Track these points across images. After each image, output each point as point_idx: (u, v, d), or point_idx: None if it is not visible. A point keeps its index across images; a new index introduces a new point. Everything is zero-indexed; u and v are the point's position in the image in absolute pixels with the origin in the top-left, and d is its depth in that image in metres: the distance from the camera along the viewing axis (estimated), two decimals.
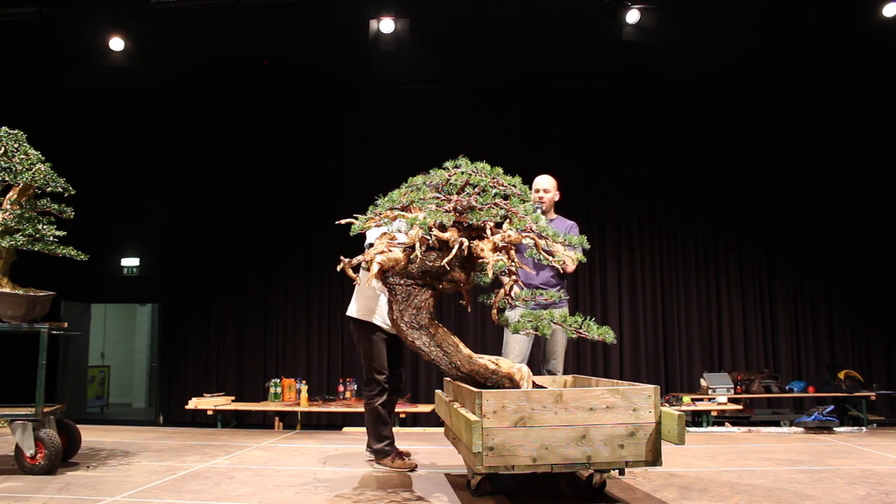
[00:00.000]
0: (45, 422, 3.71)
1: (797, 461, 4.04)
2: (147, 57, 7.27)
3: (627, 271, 8.49)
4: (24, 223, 3.80)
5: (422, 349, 3.14)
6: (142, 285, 9.44)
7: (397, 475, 3.73)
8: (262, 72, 8.58)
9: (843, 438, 5.08)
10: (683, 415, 2.68)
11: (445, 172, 3.11)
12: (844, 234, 8.43)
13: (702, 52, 7.97)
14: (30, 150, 3.94)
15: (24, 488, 3.35)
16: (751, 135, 8.54)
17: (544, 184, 4.68)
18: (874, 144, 8.48)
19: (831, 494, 3.14)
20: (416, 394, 8.14)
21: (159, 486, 3.42)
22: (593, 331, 3.11)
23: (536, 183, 4.68)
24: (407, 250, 3.03)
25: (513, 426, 2.68)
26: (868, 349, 8.20)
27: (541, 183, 4.69)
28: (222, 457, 4.34)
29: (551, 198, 4.67)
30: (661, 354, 8.28)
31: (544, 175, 4.75)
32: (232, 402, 7.31)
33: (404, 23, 6.69)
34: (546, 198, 4.63)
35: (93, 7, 6.78)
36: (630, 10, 6.54)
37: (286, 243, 8.83)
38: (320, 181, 8.86)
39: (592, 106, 8.75)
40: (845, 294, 8.30)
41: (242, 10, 6.97)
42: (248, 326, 8.75)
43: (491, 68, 8.54)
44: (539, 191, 4.62)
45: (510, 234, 3.05)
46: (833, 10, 6.92)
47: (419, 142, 8.59)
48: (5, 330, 3.78)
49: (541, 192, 4.62)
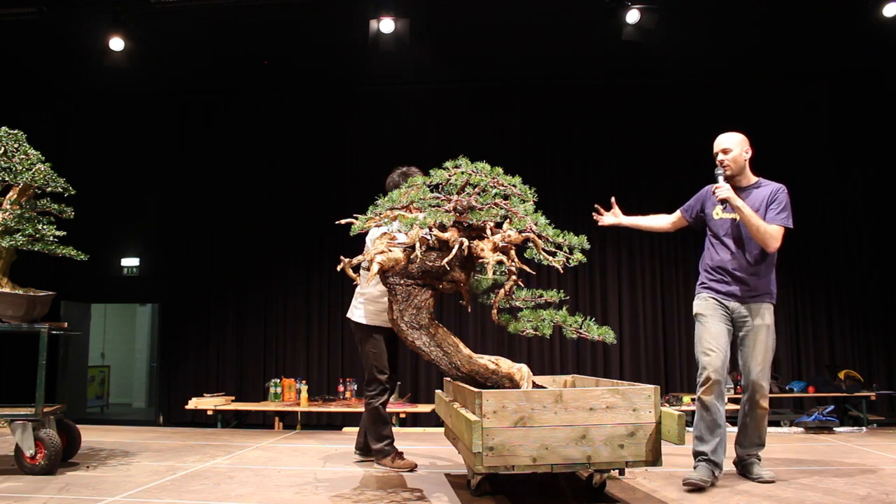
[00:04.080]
0: (45, 422, 3.71)
1: (797, 461, 4.04)
2: (147, 57, 7.26)
3: (627, 271, 8.50)
4: (24, 223, 3.80)
5: (422, 349, 3.14)
6: (142, 285, 9.43)
7: (397, 475, 3.73)
8: (262, 72, 8.57)
9: (843, 438, 5.08)
10: (683, 415, 2.68)
11: (445, 172, 3.11)
12: (844, 234, 8.43)
13: (702, 52, 7.97)
14: (30, 150, 3.94)
15: (24, 488, 3.35)
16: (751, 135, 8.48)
17: (722, 143, 3.62)
18: (874, 144, 8.47)
19: (831, 494, 3.14)
20: (416, 394, 8.14)
21: (159, 486, 3.42)
22: (593, 331, 3.11)
23: (716, 143, 3.66)
24: (407, 250, 3.03)
25: (513, 426, 2.68)
26: (868, 349, 8.20)
27: (718, 144, 3.64)
28: (222, 457, 4.34)
29: (736, 157, 3.56)
30: (661, 354, 8.29)
31: (725, 133, 3.68)
32: (232, 402, 7.31)
33: (404, 23, 6.69)
34: (728, 159, 3.56)
35: (93, 7, 6.78)
36: (630, 10, 6.54)
37: (286, 243, 8.83)
38: (320, 181, 8.86)
39: (592, 106, 8.75)
40: (845, 294, 8.30)
41: (242, 10, 6.96)
42: (248, 326, 8.75)
43: (491, 68, 8.54)
44: (717, 153, 3.61)
45: (510, 234, 3.05)
46: (833, 10, 6.92)
47: (419, 142, 8.59)
48: (5, 330, 3.78)
49: (719, 154, 3.60)
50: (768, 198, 3.54)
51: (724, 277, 3.53)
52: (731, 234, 3.56)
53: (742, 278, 3.50)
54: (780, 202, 3.52)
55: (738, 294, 3.49)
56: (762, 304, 3.52)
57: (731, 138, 3.63)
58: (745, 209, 3.43)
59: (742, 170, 3.61)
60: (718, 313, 3.50)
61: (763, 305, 3.52)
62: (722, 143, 3.64)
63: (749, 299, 3.50)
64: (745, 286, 3.49)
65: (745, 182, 3.62)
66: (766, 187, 3.61)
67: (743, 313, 3.50)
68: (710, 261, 3.62)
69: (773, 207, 3.51)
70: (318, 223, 8.48)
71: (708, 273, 3.61)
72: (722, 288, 3.53)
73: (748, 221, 3.43)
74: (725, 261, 3.53)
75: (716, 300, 3.52)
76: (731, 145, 3.59)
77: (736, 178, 3.59)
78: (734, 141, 3.61)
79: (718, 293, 3.53)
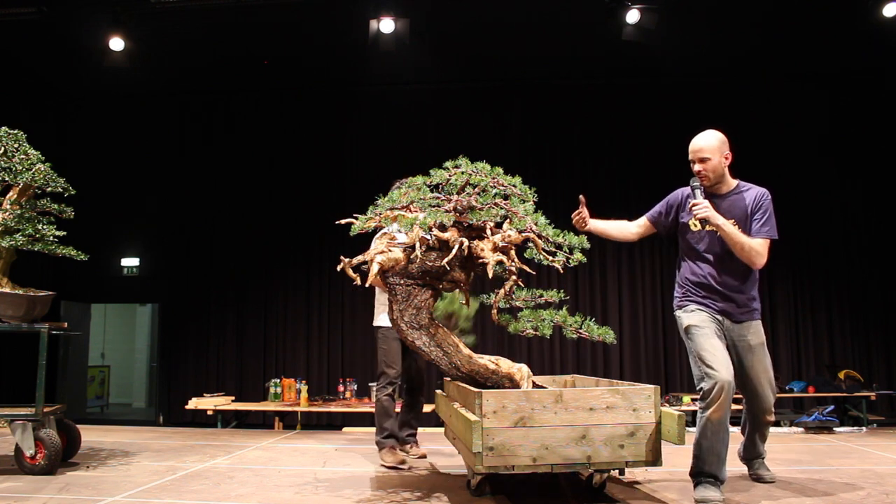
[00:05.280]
0: (45, 422, 3.71)
1: (797, 461, 4.04)
2: (147, 57, 7.27)
3: (627, 271, 8.50)
4: (24, 223, 3.81)
5: (422, 349, 3.15)
6: (142, 285, 9.43)
7: (397, 474, 3.73)
8: (262, 72, 8.57)
9: (843, 438, 5.09)
10: (683, 415, 2.69)
11: (445, 172, 3.11)
12: (844, 234, 8.43)
13: (702, 52, 7.97)
14: (30, 150, 3.95)
15: (24, 488, 3.35)
16: (751, 135, 8.51)
17: (700, 150, 3.23)
18: (874, 144, 8.47)
19: (831, 494, 3.14)
20: None
21: (159, 486, 3.42)
22: (593, 331, 3.11)
23: (691, 150, 3.28)
24: (407, 250, 3.03)
25: (513, 426, 2.68)
26: (868, 349, 8.20)
27: (695, 150, 3.26)
28: (222, 457, 4.34)
29: (715, 166, 3.21)
30: (661, 354, 8.29)
31: (702, 134, 3.29)
32: (232, 402, 7.31)
33: (404, 23, 6.69)
34: (706, 170, 3.22)
35: (93, 7, 6.78)
36: (630, 10, 6.54)
37: (286, 243, 8.82)
38: (320, 181, 8.86)
39: (592, 106, 8.74)
40: (845, 294, 8.30)
41: (242, 10, 6.96)
42: (248, 326, 8.75)
43: (491, 68, 8.54)
44: (695, 162, 3.25)
45: (510, 234, 3.05)
46: (833, 10, 6.92)
47: (419, 142, 8.59)
48: (5, 330, 3.78)
49: (696, 163, 3.25)
50: (752, 206, 3.22)
51: (713, 296, 3.21)
52: (712, 250, 3.22)
53: (731, 297, 3.20)
54: (765, 211, 3.20)
55: (731, 312, 3.21)
56: (756, 322, 3.27)
57: (710, 144, 3.22)
58: (727, 227, 3.10)
59: (721, 177, 3.24)
60: (713, 326, 3.16)
61: (757, 322, 3.27)
62: (700, 151, 3.23)
63: (743, 317, 3.23)
64: (735, 305, 3.20)
65: (724, 188, 3.27)
66: (747, 193, 3.26)
67: (741, 333, 3.22)
68: (693, 276, 3.27)
69: (758, 218, 3.19)
70: (318, 223, 8.48)
71: (693, 289, 3.26)
72: (714, 306, 3.21)
73: (731, 241, 3.10)
74: (710, 278, 3.21)
75: (708, 314, 3.20)
76: (709, 153, 3.21)
77: (715, 186, 3.26)
78: (713, 147, 3.22)
79: (709, 308, 3.21)
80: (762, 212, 3.21)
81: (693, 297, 3.27)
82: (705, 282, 3.23)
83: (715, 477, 2.99)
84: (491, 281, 3.11)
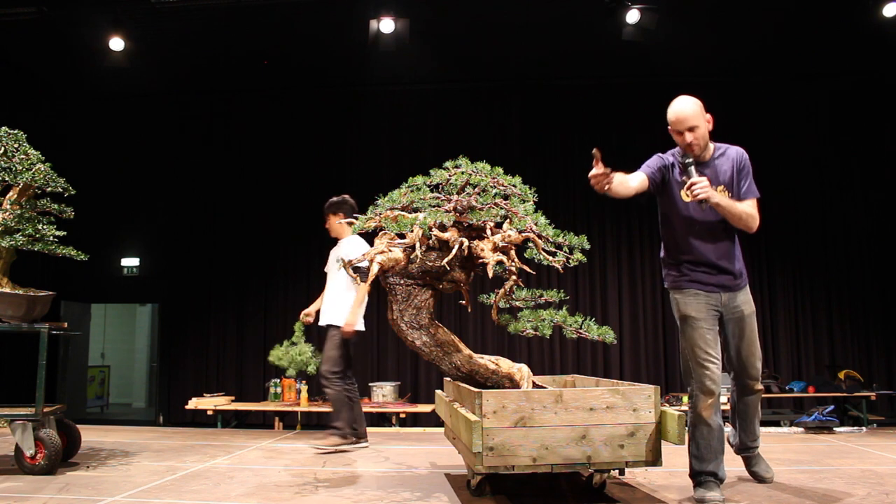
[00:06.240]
0: (45, 422, 3.71)
1: (797, 461, 4.04)
2: (147, 57, 7.27)
3: (627, 271, 8.50)
4: (24, 223, 3.81)
5: (422, 349, 3.15)
6: (142, 285, 9.43)
7: (397, 474, 3.73)
8: (262, 72, 8.57)
9: (843, 438, 5.08)
10: (683, 415, 2.69)
11: (445, 172, 3.11)
12: (844, 234, 8.43)
13: (701, 53, 7.96)
14: (30, 150, 3.95)
15: (24, 488, 3.35)
16: (750, 135, 8.44)
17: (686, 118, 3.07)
18: (874, 144, 8.47)
19: (831, 494, 3.14)
20: (416, 394, 8.14)
21: (159, 486, 3.42)
22: (593, 331, 3.11)
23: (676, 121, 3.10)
24: (407, 250, 3.03)
25: (513, 426, 2.69)
26: (868, 349, 8.20)
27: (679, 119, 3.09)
28: (222, 457, 4.34)
29: (704, 132, 3.09)
30: (661, 354, 8.29)
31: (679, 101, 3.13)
32: (232, 402, 7.30)
33: (404, 23, 6.69)
34: (698, 136, 3.07)
35: (93, 7, 6.78)
36: (630, 10, 6.54)
37: (286, 243, 8.82)
38: (320, 181, 8.85)
39: (592, 106, 8.74)
40: (845, 294, 8.29)
41: (242, 10, 6.96)
42: (248, 326, 8.75)
43: (491, 68, 8.54)
44: (683, 133, 3.08)
45: (510, 234, 3.05)
46: (833, 11, 6.92)
47: (419, 142, 8.59)
48: (5, 330, 3.78)
49: (685, 133, 3.08)
50: (735, 167, 3.13)
51: (708, 269, 3.10)
52: (704, 219, 3.09)
53: (725, 267, 3.10)
54: (748, 171, 3.13)
55: (727, 284, 3.11)
56: (746, 290, 3.19)
57: (694, 110, 3.07)
58: (725, 203, 3.01)
59: (707, 143, 3.12)
60: (711, 315, 3.08)
61: (746, 290, 3.19)
62: (686, 120, 3.05)
63: (735, 287, 3.14)
64: (728, 275, 3.11)
65: (707, 155, 3.15)
66: (727, 154, 3.16)
67: (734, 303, 3.13)
68: (687, 250, 3.13)
69: (744, 179, 3.12)
70: (318, 223, 8.47)
71: (686, 265, 3.14)
72: (710, 280, 3.10)
73: (730, 214, 3.02)
74: (705, 250, 3.10)
75: (706, 297, 3.09)
76: (695, 120, 3.04)
77: (701, 154, 3.13)
78: (697, 113, 3.07)
79: (706, 285, 3.10)
80: (746, 171, 3.15)
81: (689, 276, 3.14)
82: (702, 255, 3.11)
83: (714, 475, 2.98)
84: (491, 281, 3.11)
